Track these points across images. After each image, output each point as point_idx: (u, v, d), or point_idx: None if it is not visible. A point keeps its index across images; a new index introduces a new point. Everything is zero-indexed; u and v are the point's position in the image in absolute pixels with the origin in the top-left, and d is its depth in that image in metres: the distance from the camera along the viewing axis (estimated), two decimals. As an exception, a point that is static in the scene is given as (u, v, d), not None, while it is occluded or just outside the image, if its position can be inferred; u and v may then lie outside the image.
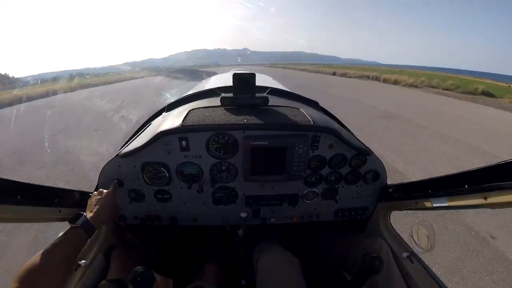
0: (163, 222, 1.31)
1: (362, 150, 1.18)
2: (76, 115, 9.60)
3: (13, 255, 2.69)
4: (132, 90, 17.56)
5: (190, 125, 1.09)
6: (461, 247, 2.75)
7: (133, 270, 0.70)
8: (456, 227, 3.04)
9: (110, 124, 7.81)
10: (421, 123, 7.57)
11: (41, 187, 0.93)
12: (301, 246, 1.45)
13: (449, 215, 3.22)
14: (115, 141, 5.76)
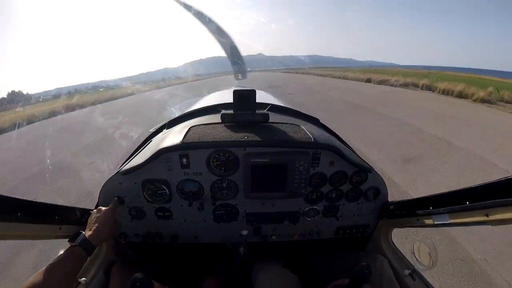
0: (164, 239, 1.30)
1: (363, 167, 1.18)
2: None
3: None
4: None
5: (190, 142, 1.09)
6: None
7: (132, 277, 0.70)
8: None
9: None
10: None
11: (41, 204, 0.93)
12: (301, 264, 1.44)
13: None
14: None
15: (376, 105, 11.01)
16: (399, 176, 4.48)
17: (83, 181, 4.88)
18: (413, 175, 4.52)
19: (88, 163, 5.90)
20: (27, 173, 5.63)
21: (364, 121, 8.39)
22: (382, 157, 5.33)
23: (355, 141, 5.93)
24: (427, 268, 1.08)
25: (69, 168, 5.61)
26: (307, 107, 9.16)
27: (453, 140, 6.27)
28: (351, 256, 1.35)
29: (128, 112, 12.14)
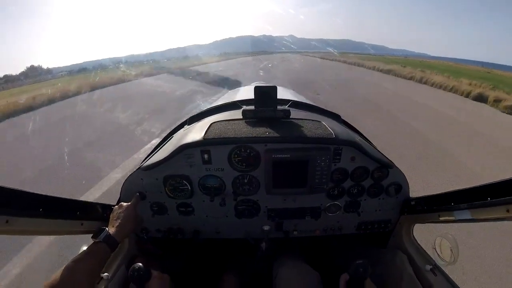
0: (186, 235, 1.31)
1: (384, 163, 1.18)
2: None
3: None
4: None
5: (212, 138, 1.09)
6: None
7: (132, 267, 0.74)
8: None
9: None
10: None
11: (63, 199, 0.94)
12: (322, 260, 1.45)
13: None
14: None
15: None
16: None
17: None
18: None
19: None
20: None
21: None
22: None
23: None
24: (449, 264, 1.08)
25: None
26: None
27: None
28: (372, 252, 1.35)
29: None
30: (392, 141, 5.73)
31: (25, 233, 0.84)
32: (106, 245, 0.88)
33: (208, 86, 13.60)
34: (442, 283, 1.10)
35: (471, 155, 5.34)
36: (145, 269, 0.75)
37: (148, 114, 7.84)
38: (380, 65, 25.34)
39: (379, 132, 6.13)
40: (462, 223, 1.00)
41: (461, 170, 4.64)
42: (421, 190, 3.74)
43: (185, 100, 10.11)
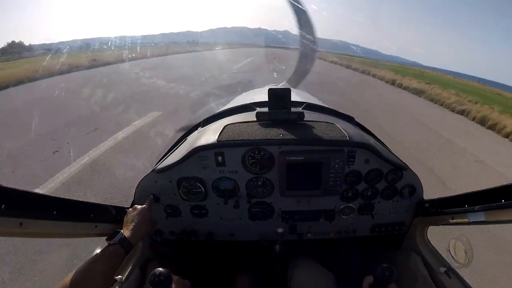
0: (200, 237, 1.31)
1: (398, 165, 1.18)
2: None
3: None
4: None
5: (226, 141, 1.09)
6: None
7: (152, 271, 0.73)
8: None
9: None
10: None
11: (77, 202, 0.94)
12: (336, 262, 1.45)
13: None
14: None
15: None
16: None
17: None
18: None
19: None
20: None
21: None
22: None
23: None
24: (463, 266, 1.08)
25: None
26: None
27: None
28: (386, 254, 1.35)
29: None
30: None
31: (38, 236, 0.84)
32: (120, 248, 0.87)
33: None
34: (457, 285, 1.10)
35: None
36: (166, 274, 0.74)
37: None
38: (396, 77, 17.41)
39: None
40: (476, 225, 1.00)
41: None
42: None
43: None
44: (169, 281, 0.74)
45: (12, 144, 5.10)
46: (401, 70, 24.41)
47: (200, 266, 1.53)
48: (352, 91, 12.19)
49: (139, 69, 14.65)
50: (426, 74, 28.66)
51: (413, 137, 6.75)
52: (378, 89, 14.28)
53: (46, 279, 2.41)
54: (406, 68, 35.98)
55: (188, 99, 8.26)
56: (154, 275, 0.72)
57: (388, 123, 7.31)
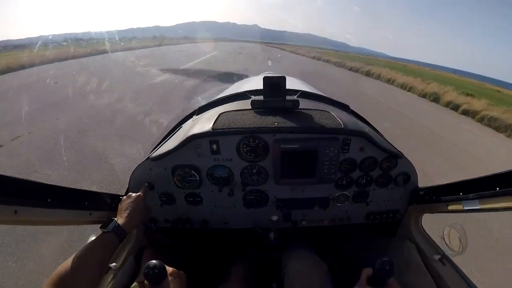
0: (194, 225, 1.31)
1: (393, 153, 1.18)
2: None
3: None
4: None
5: (220, 129, 1.09)
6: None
7: (146, 264, 0.71)
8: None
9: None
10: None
11: (71, 189, 0.93)
12: (331, 250, 1.45)
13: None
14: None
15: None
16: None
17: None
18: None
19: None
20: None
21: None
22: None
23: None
24: (457, 254, 1.08)
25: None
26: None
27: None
28: (381, 241, 1.35)
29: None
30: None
31: (33, 223, 0.84)
32: (114, 235, 0.88)
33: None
34: (451, 272, 1.11)
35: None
36: (160, 266, 0.72)
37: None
38: (373, 70, 20.14)
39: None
40: (471, 213, 1.00)
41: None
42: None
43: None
44: (163, 273, 0.73)
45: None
46: (369, 60, 28.67)
47: (194, 253, 1.53)
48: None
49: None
50: (389, 63, 31.49)
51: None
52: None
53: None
54: (374, 58, 37.71)
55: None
56: (148, 267, 0.71)
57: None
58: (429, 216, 1.29)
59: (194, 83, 10.69)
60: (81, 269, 0.74)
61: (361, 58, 30.93)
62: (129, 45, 28.68)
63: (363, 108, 5.45)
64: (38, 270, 2.43)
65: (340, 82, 15.36)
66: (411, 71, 19.22)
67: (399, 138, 5.74)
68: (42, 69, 14.41)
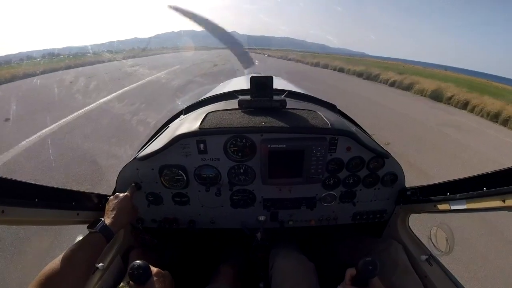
0: (181, 225, 1.31)
1: (380, 153, 1.18)
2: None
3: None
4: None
5: (208, 128, 1.09)
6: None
7: (131, 264, 0.71)
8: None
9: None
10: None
11: (59, 189, 0.93)
12: (318, 250, 1.45)
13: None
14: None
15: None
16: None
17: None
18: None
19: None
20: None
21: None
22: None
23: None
24: (444, 254, 1.08)
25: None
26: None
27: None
28: (368, 241, 1.35)
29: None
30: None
31: (20, 223, 0.84)
32: (102, 236, 0.87)
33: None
34: (437, 272, 1.10)
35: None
36: (145, 266, 0.72)
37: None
38: (358, 68, 19.70)
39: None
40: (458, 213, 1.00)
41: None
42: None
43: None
44: (148, 273, 0.73)
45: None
46: (354, 61, 27.61)
47: (181, 254, 1.53)
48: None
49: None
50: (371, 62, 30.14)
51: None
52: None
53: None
54: (356, 58, 38.02)
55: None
56: (132, 268, 0.71)
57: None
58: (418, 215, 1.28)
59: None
60: (68, 269, 0.73)
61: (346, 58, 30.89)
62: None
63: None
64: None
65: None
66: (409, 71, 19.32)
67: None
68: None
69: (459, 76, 22.78)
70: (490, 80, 26.40)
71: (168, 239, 1.53)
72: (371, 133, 1.48)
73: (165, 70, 17.37)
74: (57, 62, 25.45)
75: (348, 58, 33.30)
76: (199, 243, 1.64)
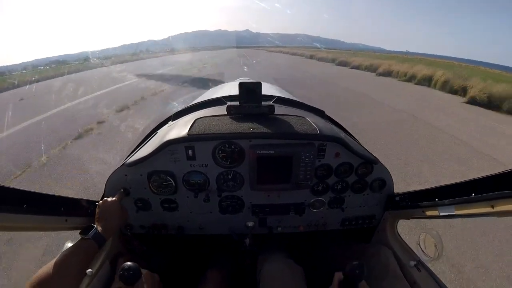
0: (170, 231, 1.31)
1: (368, 159, 1.18)
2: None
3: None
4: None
5: (196, 134, 1.09)
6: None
7: (122, 266, 0.73)
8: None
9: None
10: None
11: (47, 195, 0.93)
12: (306, 255, 1.45)
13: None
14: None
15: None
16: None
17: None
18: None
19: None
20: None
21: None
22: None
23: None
24: (433, 259, 1.08)
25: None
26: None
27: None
28: (357, 247, 1.35)
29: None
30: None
31: (8, 229, 0.83)
32: (94, 242, 0.88)
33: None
34: (426, 278, 1.10)
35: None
36: (135, 268, 0.74)
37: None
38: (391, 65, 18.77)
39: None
40: (447, 218, 1.00)
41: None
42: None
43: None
44: (138, 275, 0.75)
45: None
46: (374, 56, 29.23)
47: (170, 260, 1.52)
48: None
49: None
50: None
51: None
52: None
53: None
54: (375, 53, 40.17)
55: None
56: (123, 269, 0.72)
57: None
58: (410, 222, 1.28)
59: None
60: (60, 275, 0.74)
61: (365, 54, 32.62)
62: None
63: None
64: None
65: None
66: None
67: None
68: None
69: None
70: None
71: (157, 245, 1.53)
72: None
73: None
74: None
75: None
76: (187, 249, 1.64)
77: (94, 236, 0.89)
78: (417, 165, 4.45)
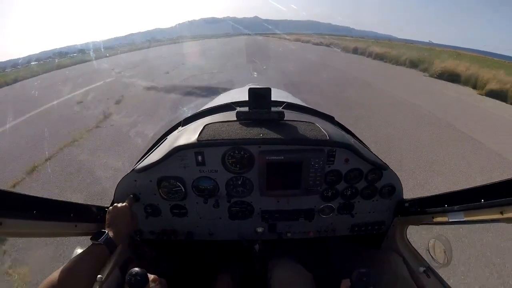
0: (179, 237, 1.31)
1: (378, 165, 1.18)
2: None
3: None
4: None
5: (206, 140, 1.09)
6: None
7: (129, 271, 0.73)
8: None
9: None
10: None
11: (57, 201, 0.94)
12: (316, 261, 1.45)
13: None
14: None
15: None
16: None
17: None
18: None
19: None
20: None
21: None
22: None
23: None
24: (442, 266, 1.08)
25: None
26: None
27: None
28: (366, 253, 1.35)
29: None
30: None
31: (19, 235, 0.84)
32: (105, 248, 0.88)
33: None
34: (436, 285, 1.10)
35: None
36: (142, 274, 0.74)
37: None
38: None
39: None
40: (456, 225, 1.00)
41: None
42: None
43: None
44: (145, 281, 0.75)
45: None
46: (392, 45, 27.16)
47: (180, 265, 1.52)
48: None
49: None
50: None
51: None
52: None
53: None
54: (383, 41, 36.03)
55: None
56: (130, 274, 0.73)
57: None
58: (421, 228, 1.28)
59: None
60: (72, 280, 0.75)
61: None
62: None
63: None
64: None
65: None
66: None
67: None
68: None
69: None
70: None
71: (166, 251, 1.53)
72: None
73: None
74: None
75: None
76: (197, 255, 1.64)
77: (105, 241, 0.89)
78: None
